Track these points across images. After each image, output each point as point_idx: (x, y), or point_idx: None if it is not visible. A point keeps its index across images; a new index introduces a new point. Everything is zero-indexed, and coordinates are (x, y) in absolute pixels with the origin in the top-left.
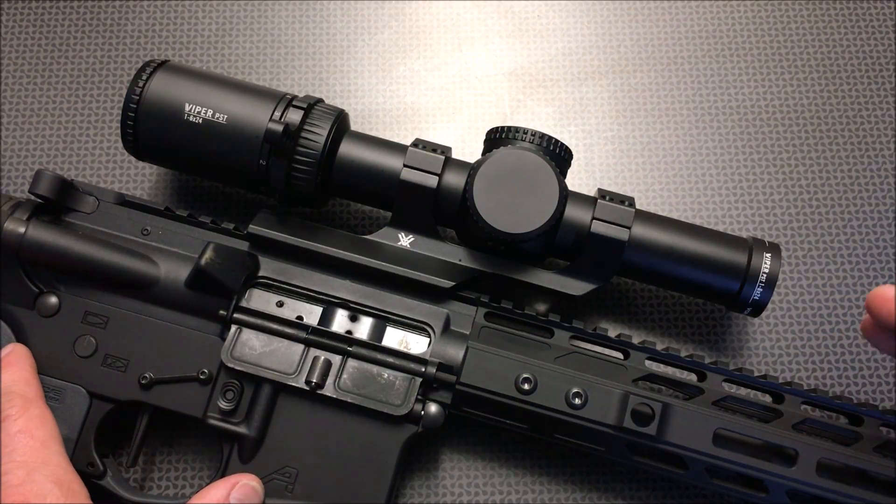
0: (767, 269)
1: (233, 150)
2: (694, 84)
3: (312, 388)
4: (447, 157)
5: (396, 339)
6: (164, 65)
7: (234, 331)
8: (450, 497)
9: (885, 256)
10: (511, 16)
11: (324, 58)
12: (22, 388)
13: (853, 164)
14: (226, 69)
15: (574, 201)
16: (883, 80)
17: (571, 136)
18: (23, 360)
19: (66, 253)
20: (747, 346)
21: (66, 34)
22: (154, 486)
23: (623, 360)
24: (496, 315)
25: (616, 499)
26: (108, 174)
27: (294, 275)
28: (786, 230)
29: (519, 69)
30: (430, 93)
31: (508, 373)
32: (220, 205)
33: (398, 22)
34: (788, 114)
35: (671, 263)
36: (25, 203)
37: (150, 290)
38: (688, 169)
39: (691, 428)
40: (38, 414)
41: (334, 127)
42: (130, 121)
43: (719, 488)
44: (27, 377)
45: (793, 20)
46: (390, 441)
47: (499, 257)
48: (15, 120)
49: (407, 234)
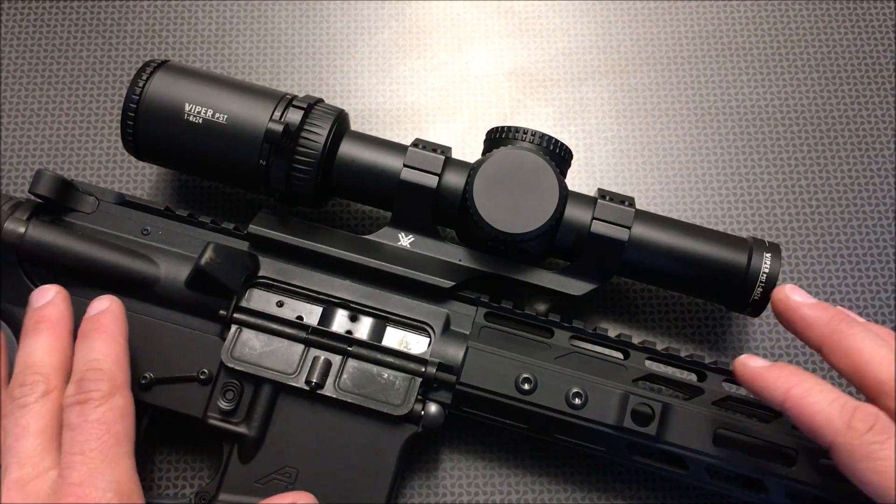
0: (767, 269)
1: (233, 150)
2: (694, 84)
3: (312, 388)
4: (447, 157)
5: (396, 339)
6: (164, 65)
7: (234, 331)
8: (450, 497)
9: (885, 256)
10: (511, 16)
11: (324, 58)
12: (111, 367)
13: (853, 164)
14: (226, 69)
15: (574, 201)
16: (883, 80)
17: (571, 136)
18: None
19: (66, 253)
20: (747, 346)
21: (66, 34)
22: (154, 486)
23: (623, 360)
24: (496, 315)
25: (616, 499)
26: (108, 174)
27: (294, 275)
28: (786, 230)
29: (519, 69)
30: (430, 93)
31: (508, 373)
32: (220, 205)
33: (398, 22)
34: (788, 114)
35: (671, 263)
36: (25, 203)
37: (150, 289)
38: (688, 169)
39: (691, 428)
40: (121, 405)
41: (334, 127)
42: (130, 121)
43: (719, 488)
44: (118, 354)
45: (793, 20)
46: (390, 441)
47: (499, 257)
48: (15, 120)
49: (407, 234)
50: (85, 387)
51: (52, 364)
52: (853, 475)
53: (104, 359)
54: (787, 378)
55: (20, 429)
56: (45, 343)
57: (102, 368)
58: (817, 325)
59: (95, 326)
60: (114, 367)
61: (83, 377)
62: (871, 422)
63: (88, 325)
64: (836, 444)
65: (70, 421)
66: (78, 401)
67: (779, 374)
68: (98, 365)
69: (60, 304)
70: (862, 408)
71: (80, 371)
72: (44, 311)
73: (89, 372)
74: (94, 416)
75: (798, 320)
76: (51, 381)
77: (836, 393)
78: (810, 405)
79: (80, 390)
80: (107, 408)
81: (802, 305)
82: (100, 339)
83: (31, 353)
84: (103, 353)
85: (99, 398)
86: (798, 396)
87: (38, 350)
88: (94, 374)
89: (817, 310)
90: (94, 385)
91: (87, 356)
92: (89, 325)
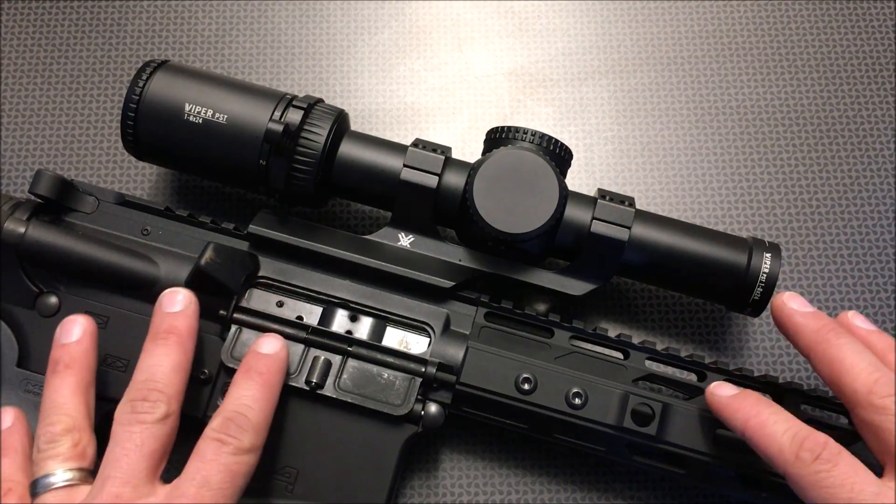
0: (767, 269)
1: (233, 150)
2: (694, 84)
3: (312, 388)
4: (447, 157)
5: (396, 339)
6: (164, 65)
7: (234, 331)
8: (450, 497)
9: (885, 256)
10: (511, 16)
11: (324, 58)
12: (260, 422)
13: (853, 164)
14: (226, 69)
15: (574, 201)
16: (883, 80)
17: (571, 136)
18: (280, 379)
19: (66, 253)
20: (747, 346)
21: (66, 34)
22: None
23: (623, 360)
24: (496, 315)
25: (616, 499)
26: (108, 174)
27: (294, 275)
28: (786, 230)
29: (519, 69)
30: (430, 93)
31: (508, 373)
32: (220, 205)
33: (398, 22)
34: (788, 114)
35: (671, 263)
36: (25, 203)
37: (150, 290)
38: (688, 169)
39: (691, 428)
40: (251, 464)
41: (334, 127)
42: (130, 121)
43: (719, 488)
44: (269, 410)
45: (793, 20)
46: (390, 441)
47: (499, 257)
48: (15, 120)
49: (407, 234)
50: (230, 429)
51: (177, 385)
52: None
53: (257, 410)
54: (748, 409)
55: (133, 445)
56: (174, 360)
57: (253, 420)
58: (806, 332)
59: (262, 370)
60: (262, 423)
61: (233, 419)
62: (818, 451)
63: (255, 363)
64: (787, 473)
65: (203, 453)
66: (219, 439)
67: (740, 404)
68: (250, 413)
69: (192, 316)
70: (811, 437)
71: (232, 409)
72: (176, 322)
73: (240, 417)
74: (226, 460)
75: (791, 327)
76: (172, 405)
77: (791, 422)
78: (765, 436)
79: (225, 430)
80: (239, 460)
81: (796, 313)
82: (260, 386)
83: (158, 366)
84: (259, 403)
85: (237, 447)
86: (755, 427)
87: (165, 366)
88: (243, 420)
89: (809, 318)
90: (239, 433)
91: (243, 397)
92: (256, 363)
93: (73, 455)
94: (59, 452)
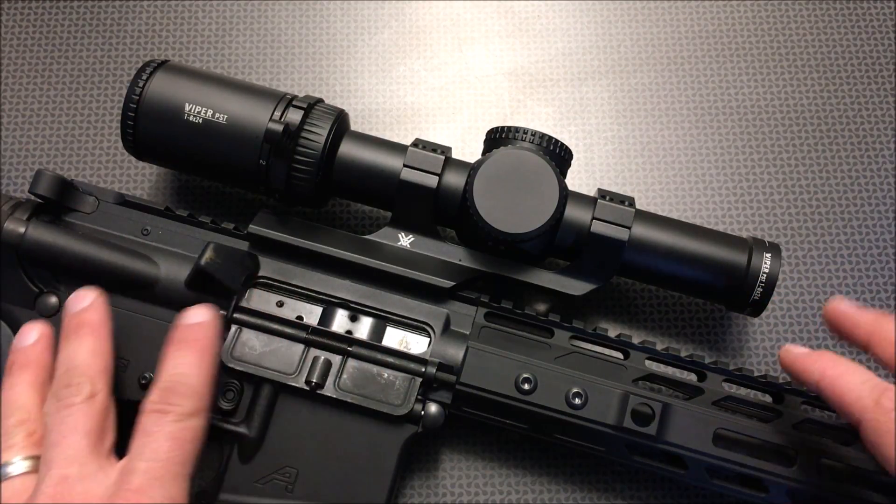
0: (767, 269)
1: (233, 150)
2: (694, 84)
3: (312, 388)
4: (447, 157)
5: (396, 339)
6: (164, 65)
7: (234, 331)
8: (450, 497)
9: (885, 256)
10: (511, 16)
11: (324, 58)
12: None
13: (853, 164)
14: (226, 69)
15: (574, 201)
16: (883, 80)
17: (571, 136)
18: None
19: (67, 253)
20: (747, 346)
21: (66, 34)
22: None
23: (623, 360)
24: (496, 315)
25: (616, 499)
26: (108, 174)
27: (294, 275)
28: (786, 230)
29: (519, 69)
30: (430, 93)
31: (508, 373)
32: (220, 205)
33: (398, 22)
34: (788, 114)
35: (671, 263)
36: (25, 203)
37: (150, 290)
38: (688, 169)
39: (691, 428)
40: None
41: (334, 127)
42: (130, 121)
43: (719, 488)
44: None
45: (793, 20)
46: (390, 441)
47: (499, 257)
48: (15, 120)
49: (407, 234)
50: (169, 398)
51: (97, 367)
52: (877, 450)
53: (194, 375)
54: (824, 361)
55: (67, 427)
56: (89, 346)
57: (191, 385)
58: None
59: (191, 337)
60: (202, 387)
61: (170, 388)
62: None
63: (184, 333)
64: (863, 419)
65: (146, 427)
66: (159, 410)
67: (818, 357)
68: (187, 380)
69: (101, 308)
70: (891, 389)
71: (167, 380)
72: (85, 315)
73: (178, 385)
74: (170, 429)
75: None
76: (96, 385)
77: (869, 375)
78: (844, 383)
79: (164, 400)
80: (184, 425)
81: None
82: (193, 352)
83: (75, 355)
84: (195, 368)
85: (179, 413)
86: (833, 376)
87: (82, 353)
88: (181, 388)
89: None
90: (179, 400)
91: (176, 367)
92: (185, 333)
93: (29, 444)
94: (15, 443)
